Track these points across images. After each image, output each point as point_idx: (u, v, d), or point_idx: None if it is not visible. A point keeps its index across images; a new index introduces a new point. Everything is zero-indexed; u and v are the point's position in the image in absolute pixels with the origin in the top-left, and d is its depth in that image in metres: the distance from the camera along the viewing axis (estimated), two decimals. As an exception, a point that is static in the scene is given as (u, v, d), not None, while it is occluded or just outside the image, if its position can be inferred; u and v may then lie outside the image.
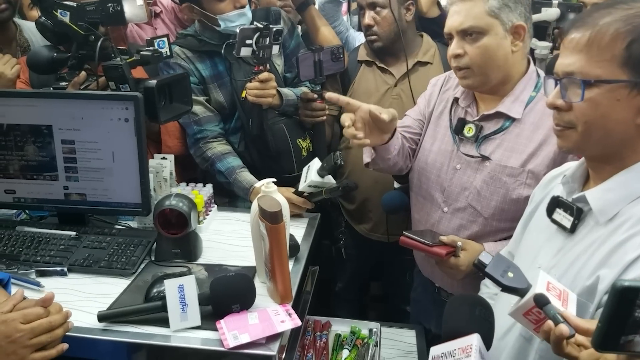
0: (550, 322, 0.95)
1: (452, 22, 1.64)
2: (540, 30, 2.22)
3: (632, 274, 1.03)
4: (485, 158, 1.68)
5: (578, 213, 1.18)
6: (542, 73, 1.73)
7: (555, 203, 1.24)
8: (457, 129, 1.75)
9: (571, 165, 1.28)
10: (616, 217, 1.11)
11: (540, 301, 0.98)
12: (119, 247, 1.65)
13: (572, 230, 1.19)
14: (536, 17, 2.15)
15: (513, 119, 1.66)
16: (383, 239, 2.38)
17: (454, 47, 1.64)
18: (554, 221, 1.24)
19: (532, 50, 2.17)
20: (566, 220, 1.20)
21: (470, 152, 1.72)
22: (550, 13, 2.12)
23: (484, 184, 1.68)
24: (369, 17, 2.28)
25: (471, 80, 1.66)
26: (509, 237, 1.56)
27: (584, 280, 1.11)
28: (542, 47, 2.15)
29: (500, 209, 1.66)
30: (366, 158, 1.82)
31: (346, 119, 1.58)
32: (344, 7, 3.51)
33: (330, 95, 1.64)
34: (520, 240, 1.42)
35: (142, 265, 1.61)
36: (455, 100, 1.81)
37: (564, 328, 0.93)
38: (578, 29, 1.09)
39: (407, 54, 2.28)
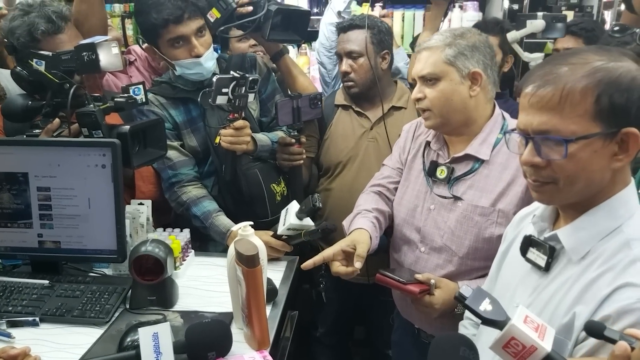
0: (623, 343, 0.90)
1: (415, 69, 1.76)
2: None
3: (606, 310, 1.04)
4: (457, 198, 1.73)
5: (551, 251, 1.19)
6: (507, 116, 1.79)
7: (528, 242, 1.25)
8: (430, 171, 1.80)
9: (540, 205, 1.30)
10: (588, 254, 1.13)
11: (594, 328, 0.97)
12: (93, 295, 1.62)
13: (547, 268, 1.20)
14: (523, 31, 2.21)
15: (482, 161, 1.73)
16: (363, 280, 2.36)
17: (415, 91, 1.76)
18: (529, 260, 1.25)
19: (526, 64, 2.23)
20: (540, 259, 1.22)
21: (442, 193, 1.76)
22: (536, 25, 2.17)
23: (457, 223, 1.72)
24: (346, 64, 2.35)
25: (432, 121, 1.75)
26: (483, 276, 1.57)
27: (560, 318, 1.12)
28: (536, 58, 2.21)
29: (474, 248, 1.69)
30: None
31: (336, 267, 1.70)
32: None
33: (305, 265, 1.71)
34: (496, 280, 1.42)
35: (117, 314, 1.59)
36: (427, 143, 1.87)
37: None
38: (543, 87, 1.10)
39: (382, 99, 2.33)
